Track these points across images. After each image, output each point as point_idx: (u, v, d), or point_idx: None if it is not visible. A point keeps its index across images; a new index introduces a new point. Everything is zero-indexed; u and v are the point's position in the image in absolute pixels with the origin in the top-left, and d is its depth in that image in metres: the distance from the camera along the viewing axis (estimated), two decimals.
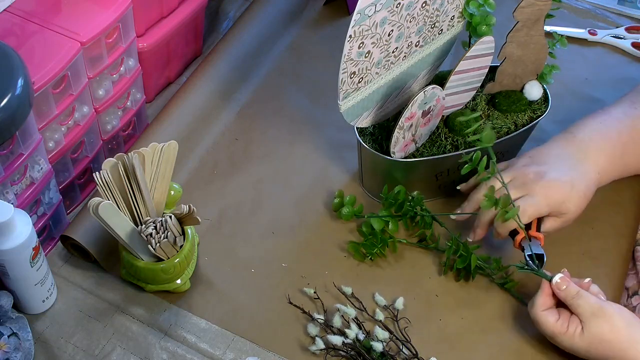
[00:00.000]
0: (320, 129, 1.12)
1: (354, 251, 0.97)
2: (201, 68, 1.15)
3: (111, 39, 0.94)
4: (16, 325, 0.86)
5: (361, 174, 1.03)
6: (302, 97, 1.17)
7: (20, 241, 0.82)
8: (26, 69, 0.80)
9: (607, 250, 1.00)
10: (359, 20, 0.83)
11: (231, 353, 0.89)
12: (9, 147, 0.83)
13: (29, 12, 0.91)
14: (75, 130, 0.95)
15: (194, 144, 1.08)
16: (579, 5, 1.33)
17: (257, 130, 1.12)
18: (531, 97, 1.01)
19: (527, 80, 1.00)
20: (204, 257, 0.97)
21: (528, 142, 1.05)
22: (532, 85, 1.01)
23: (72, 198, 1.01)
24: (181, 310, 0.92)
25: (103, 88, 0.97)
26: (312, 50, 1.23)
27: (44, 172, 0.90)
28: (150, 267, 0.88)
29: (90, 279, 0.94)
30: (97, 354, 0.88)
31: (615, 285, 0.96)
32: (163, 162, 0.89)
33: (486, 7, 0.93)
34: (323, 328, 0.90)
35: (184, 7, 1.11)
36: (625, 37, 1.26)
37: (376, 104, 0.96)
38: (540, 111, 1.01)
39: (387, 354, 0.87)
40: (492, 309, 0.93)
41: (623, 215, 1.04)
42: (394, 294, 0.93)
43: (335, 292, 0.94)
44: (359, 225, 0.99)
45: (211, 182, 1.05)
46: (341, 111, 0.92)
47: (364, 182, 1.04)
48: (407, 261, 0.98)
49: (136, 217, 0.88)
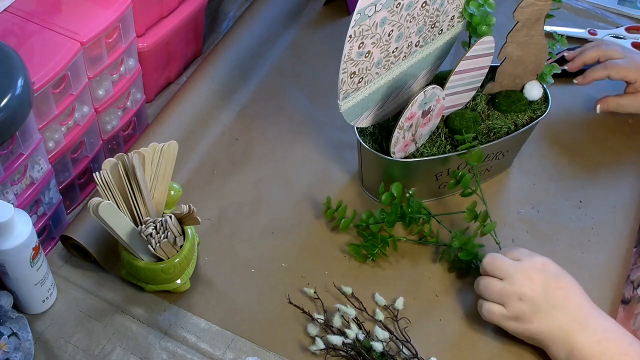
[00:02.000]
0: (320, 129, 1.12)
1: (355, 253, 0.97)
2: (201, 68, 1.15)
3: (111, 39, 0.94)
4: (16, 325, 0.86)
5: (361, 173, 1.03)
6: (302, 97, 1.17)
7: (20, 241, 0.82)
8: (26, 69, 0.80)
9: (607, 250, 1.00)
10: (359, 20, 0.83)
11: (231, 353, 0.89)
12: (9, 147, 0.83)
13: (29, 12, 0.91)
14: (75, 130, 0.95)
15: (194, 144, 1.08)
16: (579, 5, 1.33)
17: (257, 130, 1.12)
18: (531, 97, 1.01)
19: (527, 81, 1.00)
20: (204, 257, 0.97)
21: (528, 143, 1.05)
22: (532, 86, 1.01)
23: (72, 198, 1.01)
24: (181, 310, 0.92)
25: (103, 88, 0.97)
26: (312, 50, 1.24)
27: (44, 172, 0.90)
28: (150, 267, 0.88)
29: (90, 279, 0.94)
30: (97, 354, 0.88)
31: (616, 285, 0.96)
32: (163, 162, 0.89)
33: (486, 7, 0.93)
34: (323, 328, 0.90)
35: (184, 7, 1.11)
36: (625, 37, 1.26)
37: (376, 104, 0.96)
38: (540, 111, 1.01)
39: (387, 354, 0.87)
40: None
41: (623, 215, 1.04)
42: (394, 294, 0.94)
43: (335, 292, 0.94)
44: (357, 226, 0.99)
45: (211, 182, 1.05)
46: (341, 111, 0.92)
47: (364, 182, 1.04)
48: (407, 261, 0.98)
49: (136, 217, 0.88)
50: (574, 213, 1.04)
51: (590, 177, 1.07)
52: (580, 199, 1.05)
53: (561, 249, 0.98)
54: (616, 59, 1.06)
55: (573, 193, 1.06)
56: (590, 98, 1.15)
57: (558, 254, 0.95)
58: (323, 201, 1.02)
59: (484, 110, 1.01)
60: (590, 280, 0.96)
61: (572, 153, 1.09)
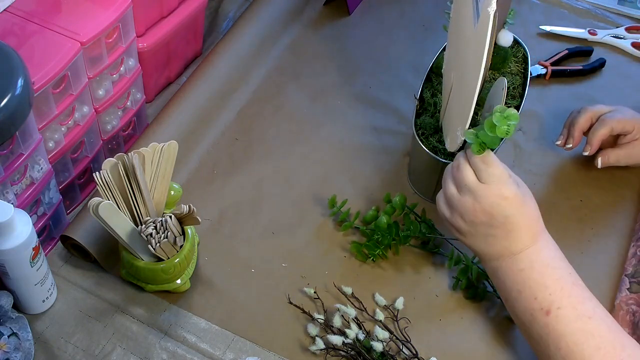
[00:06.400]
0: (320, 129, 1.12)
1: (356, 251, 0.97)
2: (201, 68, 1.15)
3: (111, 39, 0.94)
4: (16, 325, 0.86)
5: (409, 172, 1.05)
6: (302, 97, 1.17)
7: (20, 241, 0.82)
8: (26, 69, 0.80)
9: (607, 250, 1.00)
10: None
11: (231, 353, 0.89)
12: (9, 147, 0.83)
13: (29, 12, 0.91)
14: (75, 130, 0.95)
15: (194, 144, 1.08)
16: (579, 5, 1.33)
17: (257, 130, 1.12)
18: (507, 43, 1.04)
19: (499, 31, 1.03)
20: (204, 257, 0.97)
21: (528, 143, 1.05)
22: (503, 34, 1.03)
23: (72, 198, 1.01)
24: (181, 310, 0.92)
25: (103, 88, 0.97)
26: (312, 50, 1.24)
27: (44, 172, 0.90)
28: (150, 267, 0.88)
29: (90, 279, 0.94)
30: (97, 354, 0.88)
31: (615, 285, 0.96)
32: (163, 162, 0.89)
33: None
34: (323, 328, 0.90)
35: (184, 7, 1.11)
36: (625, 37, 1.26)
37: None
38: (520, 54, 1.05)
39: (387, 354, 0.87)
40: (492, 309, 0.93)
41: (623, 215, 1.04)
42: (394, 294, 0.93)
43: (335, 292, 0.94)
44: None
45: (211, 182, 1.05)
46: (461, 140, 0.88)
47: (411, 180, 1.05)
48: (407, 261, 0.98)
49: (136, 217, 0.88)
50: (574, 213, 1.04)
51: (590, 177, 1.07)
52: (581, 199, 1.05)
53: (561, 249, 0.98)
54: (607, 113, 1.03)
55: (573, 193, 1.06)
56: (591, 99, 1.15)
57: None
58: (323, 201, 1.02)
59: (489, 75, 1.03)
60: (590, 280, 0.95)
61: (572, 153, 1.09)
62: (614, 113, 1.02)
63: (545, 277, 0.82)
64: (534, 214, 0.84)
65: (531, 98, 1.11)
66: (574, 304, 0.80)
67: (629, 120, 1.01)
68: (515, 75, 1.04)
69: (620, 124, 1.01)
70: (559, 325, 0.80)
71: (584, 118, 1.03)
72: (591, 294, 0.83)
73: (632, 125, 1.01)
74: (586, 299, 0.82)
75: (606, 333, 0.79)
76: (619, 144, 1.04)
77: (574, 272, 0.84)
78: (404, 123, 1.13)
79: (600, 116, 1.02)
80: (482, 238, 0.85)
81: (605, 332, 0.79)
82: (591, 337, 0.78)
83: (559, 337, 0.79)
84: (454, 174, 0.86)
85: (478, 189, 0.83)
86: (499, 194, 0.82)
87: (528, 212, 0.84)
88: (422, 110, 1.01)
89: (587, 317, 0.79)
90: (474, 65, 0.83)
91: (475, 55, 0.83)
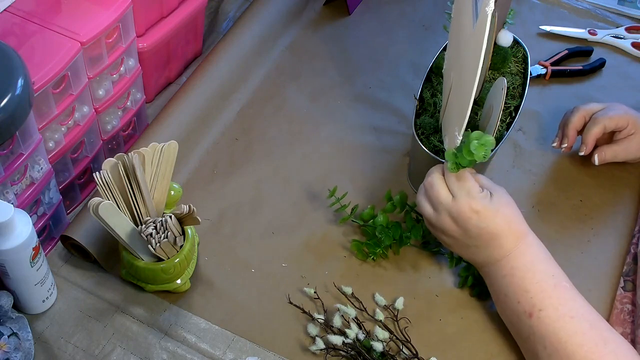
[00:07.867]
0: (320, 129, 1.12)
1: (357, 250, 0.97)
2: (201, 68, 1.15)
3: (111, 39, 0.94)
4: (16, 325, 0.86)
5: (409, 172, 1.06)
6: (302, 97, 1.17)
7: (20, 241, 0.82)
8: (26, 69, 0.80)
9: (607, 250, 1.00)
10: None
11: (231, 353, 0.89)
12: (9, 147, 0.83)
13: (29, 12, 0.91)
14: (75, 130, 0.95)
15: (194, 144, 1.08)
16: (579, 5, 1.33)
17: (257, 130, 1.12)
18: (506, 43, 1.04)
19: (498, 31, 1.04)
20: (204, 257, 0.97)
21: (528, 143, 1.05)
22: (503, 35, 1.04)
23: (72, 198, 1.01)
24: (181, 310, 0.92)
25: (103, 88, 0.97)
26: (312, 50, 1.24)
27: (44, 172, 0.90)
28: (150, 267, 0.88)
29: (90, 279, 0.94)
30: (97, 354, 0.88)
31: (615, 284, 0.96)
32: (163, 162, 0.89)
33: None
34: (323, 328, 0.90)
35: (184, 7, 1.11)
36: (625, 37, 1.26)
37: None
38: (520, 54, 1.05)
39: (387, 354, 0.87)
40: (492, 309, 0.93)
41: (622, 215, 1.04)
42: (394, 294, 0.94)
43: (335, 292, 0.94)
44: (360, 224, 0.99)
45: (211, 182, 1.05)
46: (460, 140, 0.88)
47: (411, 180, 1.06)
48: (407, 261, 0.98)
49: (136, 217, 0.88)
50: (574, 213, 1.04)
51: (590, 177, 1.07)
52: (580, 199, 1.05)
53: (561, 249, 0.98)
54: (599, 111, 1.03)
55: (573, 193, 1.06)
56: (591, 99, 1.15)
57: (558, 254, 0.94)
58: (323, 201, 1.02)
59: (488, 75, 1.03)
60: (590, 281, 0.96)
61: (572, 153, 1.09)
62: (606, 111, 1.02)
63: (526, 282, 0.84)
64: (512, 219, 0.86)
65: (531, 98, 1.11)
66: (555, 305, 0.82)
67: (622, 117, 1.01)
68: (515, 75, 1.04)
69: (613, 121, 1.01)
70: (542, 326, 0.82)
71: (577, 117, 1.03)
72: (576, 294, 0.84)
73: (625, 121, 1.01)
74: (569, 300, 0.83)
75: (588, 330, 0.81)
76: (614, 140, 1.04)
77: (558, 273, 0.86)
78: (404, 123, 1.13)
79: (593, 114, 1.03)
80: (465, 249, 0.89)
81: (587, 329, 0.81)
82: (574, 335, 0.80)
83: (543, 337, 0.82)
84: (428, 193, 0.89)
85: (451, 207, 0.86)
86: (470, 209, 0.85)
87: (504, 221, 0.85)
88: (422, 110, 1.01)
89: (569, 317, 0.82)
90: (472, 66, 0.83)
91: (474, 55, 0.83)
